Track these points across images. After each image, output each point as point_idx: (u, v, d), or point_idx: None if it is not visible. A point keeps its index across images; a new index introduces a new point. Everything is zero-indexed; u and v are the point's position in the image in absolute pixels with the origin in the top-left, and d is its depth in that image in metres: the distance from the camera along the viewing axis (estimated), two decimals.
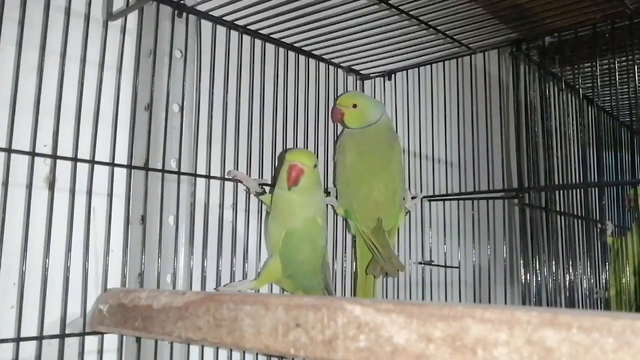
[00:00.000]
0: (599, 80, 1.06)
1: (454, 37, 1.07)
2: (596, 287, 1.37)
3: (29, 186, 0.78)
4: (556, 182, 1.16)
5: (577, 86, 1.19)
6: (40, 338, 0.77)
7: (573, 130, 1.26)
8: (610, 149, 1.55)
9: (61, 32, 0.84)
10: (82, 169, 0.83)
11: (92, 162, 0.83)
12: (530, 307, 0.45)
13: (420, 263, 1.21)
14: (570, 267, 1.19)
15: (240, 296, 0.62)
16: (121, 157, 0.90)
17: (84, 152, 0.84)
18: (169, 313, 0.68)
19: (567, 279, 1.16)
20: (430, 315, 0.47)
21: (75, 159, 0.81)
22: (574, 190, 1.25)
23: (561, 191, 1.20)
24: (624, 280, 1.36)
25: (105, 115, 0.89)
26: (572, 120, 1.26)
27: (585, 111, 1.24)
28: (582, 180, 1.19)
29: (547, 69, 1.16)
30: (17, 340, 0.74)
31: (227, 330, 0.62)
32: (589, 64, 1.06)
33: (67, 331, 0.79)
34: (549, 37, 1.03)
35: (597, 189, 1.24)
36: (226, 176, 1.01)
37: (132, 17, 0.92)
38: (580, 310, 0.43)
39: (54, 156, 0.80)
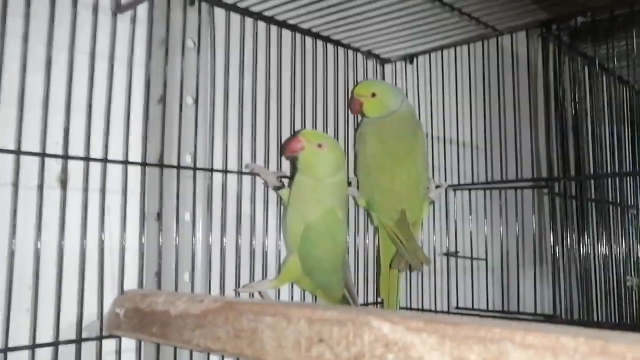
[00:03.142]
0: (634, 62, 1.00)
1: (480, 19, 1.02)
2: (629, 274, 1.32)
3: (41, 187, 0.75)
4: (588, 170, 1.11)
5: (612, 68, 1.12)
6: (56, 344, 0.75)
7: (606, 114, 1.20)
8: None
9: (68, 24, 0.80)
10: (95, 166, 0.81)
11: (105, 160, 0.81)
12: (576, 331, 0.41)
13: (445, 254, 1.17)
14: (603, 255, 1.14)
15: (260, 306, 0.59)
16: (135, 153, 0.86)
17: (96, 149, 0.82)
18: (187, 320, 0.66)
19: (599, 266, 1.12)
20: (466, 337, 0.44)
21: (87, 159, 0.79)
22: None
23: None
24: None
25: (117, 110, 0.85)
26: (606, 104, 1.20)
27: (619, 94, 1.18)
28: (616, 169, 1.14)
29: (579, 50, 1.10)
30: (33, 347, 0.72)
31: (247, 342, 0.59)
32: (624, 44, 1.00)
33: (84, 335, 0.77)
34: (581, 17, 0.97)
35: (632, 177, 1.19)
36: (244, 170, 0.98)
37: (142, 6, 0.88)
38: (635, 335, 0.39)
39: (65, 156, 0.77)
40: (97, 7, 0.82)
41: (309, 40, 1.11)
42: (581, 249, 1.04)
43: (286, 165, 1.06)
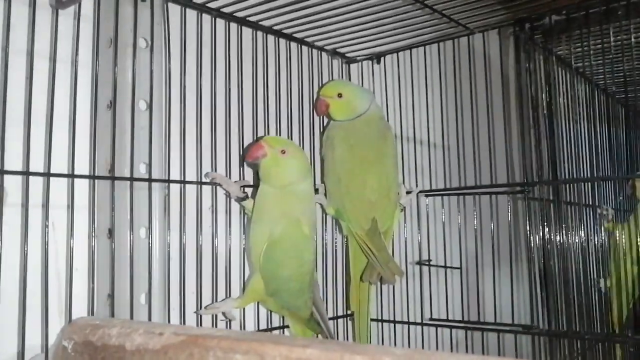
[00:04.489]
0: (612, 63, 0.97)
1: (451, 16, 0.97)
2: (597, 276, 1.31)
3: None
4: (565, 173, 1.08)
5: (587, 72, 1.09)
6: None
7: (581, 116, 1.17)
8: (622, 136, 1.47)
9: (1, 20, 0.71)
10: (37, 181, 0.72)
11: (48, 174, 0.72)
12: None
13: (418, 263, 1.12)
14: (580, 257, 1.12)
15: (229, 341, 0.53)
16: (82, 164, 0.78)
17: (36, 162, 0.73)
18: (145, 356, 0.58)
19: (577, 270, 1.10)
20: None
21: (27, 173, 0.70)
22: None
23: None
24: (623, 269, 1.30)
25: (61, 117, 0.78)
26: (581, 106, 1.17)
27: (593, 95, 1.16)
28: (594, 172, 1.11)
29: (553, 51, 1.06)
30: None
31: None
32: (600, 42, 0.97)
33: None
34: (555, 16, 0.93)
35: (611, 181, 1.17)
36: (203, 180, 0.90)
37: (87, 1, 0.79)
38: None
39: (1, 171, 0.68)
40: (35, 1, 0.73)
41: (270, 38, 1.04)
42: (559, 254, 1.01)
43: (249, 174, 0.99)
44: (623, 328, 1.33)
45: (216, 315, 0.90)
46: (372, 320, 1.08)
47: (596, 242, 1.28)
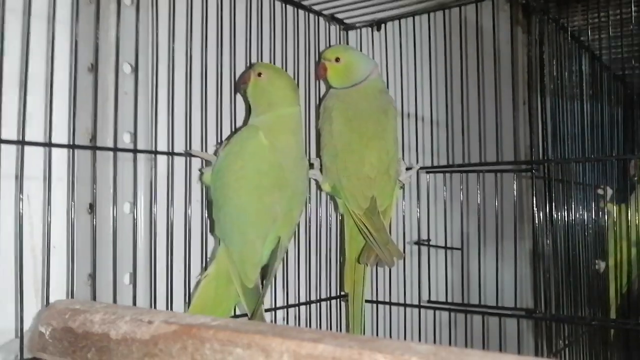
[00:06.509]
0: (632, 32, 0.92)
1: None
2: (596, 257, 1.28)
3: None
4: (571, 152, 1.03)
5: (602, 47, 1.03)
6: None
7: (590, 94, 1.11)
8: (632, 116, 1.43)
9: None
10: (9, 150, 0.65)
11: (22, 142, 0.66)
12: None
13: (416, 243, 1.07)
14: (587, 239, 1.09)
15: (228, 332, 0.47)
16: (60, 132, 0.71)
17: (9, 128, 0.66)
18: (132, 347, 0.53)
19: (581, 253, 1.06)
20: None
21: None
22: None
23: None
24: (623, 250, 1.26)
25: (37, 80, 0.70)
26: (587, 83, 1.11)
27: (601, 74, 1.11)
28: (599, 151, 1.07)
29: (567, 23, 1.00)
30: None
31: None
32: (619, 12, 0.91)
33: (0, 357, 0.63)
34: None
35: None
36: (192, 152, 0.84)
37: None
38: None
39: None
40: None
41: (265, 0, 0.97)
42: (565, 235, 0.97)
43: None
44: (620, 311, 1.30)
45: None
46: (366, 301, 1.03)
47: (598, 223, 1.25)
